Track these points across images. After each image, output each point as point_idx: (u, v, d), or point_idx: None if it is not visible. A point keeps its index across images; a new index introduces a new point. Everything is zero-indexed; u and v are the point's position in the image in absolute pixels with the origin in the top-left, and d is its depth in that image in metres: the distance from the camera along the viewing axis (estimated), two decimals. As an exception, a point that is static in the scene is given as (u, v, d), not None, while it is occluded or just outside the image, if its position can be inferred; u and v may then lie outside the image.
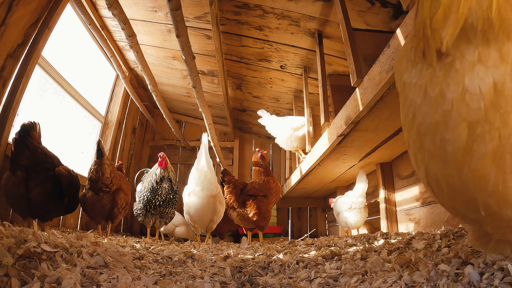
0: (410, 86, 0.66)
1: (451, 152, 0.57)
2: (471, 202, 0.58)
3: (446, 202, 0.66)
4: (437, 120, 0.58)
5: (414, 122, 0.64)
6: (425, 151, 0.62)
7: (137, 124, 5.24)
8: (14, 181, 1.90)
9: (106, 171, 2.19)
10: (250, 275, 1.20)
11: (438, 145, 0.59)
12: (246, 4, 2.80)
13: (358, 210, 2.66)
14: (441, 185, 0.62)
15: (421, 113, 0.62)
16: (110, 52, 3.61)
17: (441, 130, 0.58)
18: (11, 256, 0.85)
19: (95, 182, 2.19)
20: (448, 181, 0.60)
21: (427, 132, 0.61)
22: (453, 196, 0.62)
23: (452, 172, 0.58)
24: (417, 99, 0.63)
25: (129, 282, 0.94)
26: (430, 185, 0.66)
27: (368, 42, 2.10)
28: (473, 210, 0.59)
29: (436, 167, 0.61)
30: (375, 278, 0.98)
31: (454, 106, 0.56)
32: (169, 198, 2.74)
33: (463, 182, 0.58)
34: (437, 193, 0.65)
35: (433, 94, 0.59)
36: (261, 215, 2.88)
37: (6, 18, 2.12)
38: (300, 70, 3.59)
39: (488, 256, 0.86)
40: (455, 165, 0.57)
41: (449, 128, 0.57)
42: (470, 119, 0.54)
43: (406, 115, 0.68)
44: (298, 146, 3.64)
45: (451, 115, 0.56)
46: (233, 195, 2.92)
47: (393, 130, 2.10)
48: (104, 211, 2.28)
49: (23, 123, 2.01)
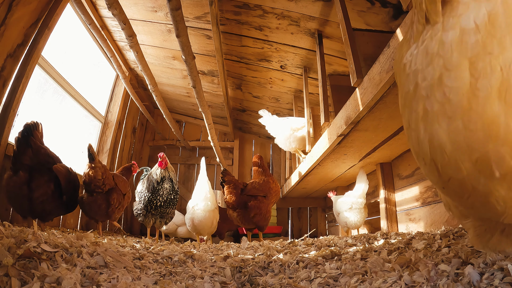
0: (411, 60, 0.65)
1: (456, 101, 0.54)
2: (483, 160, 0.53)
3: (453, 176, 0.59)
4: (440, 72, 0.57)
5: (416, 92, 0.62)
6: (428, 115, 0.59)
7: (137, 124, 5.24)
8: (16, 181, 1.89)
9: (97, 173, 2.28)
10: (250, 275, 1.20)
11: (441, 99, 0.56)
12: (246, 4, 2.80)
13: (359, 210, 2.67)
14: (445, 150, 0.57)
15: (422, 76, 0.61)
16: (110, 52, 3.61)
17: (444, 80, 0.56)
18: (11, 256, 0.85)
19: (88, 184, 2.30)
20: (454, 140, 0.55)
21: (430, 92, 0.59)
22: (460, 159, 0.56)
23: (458, 125, 0.54)
24: (419, 65, 0.62)
25: (129, 282, 0.94)
26: (433, 158, 0.60)
27: (368, 42, 2.10)
28: (486, 172, 0.54)
29: (441, 128, 0.57)
30: (375, 278, 0.98)
31: (453, 49, 0.55)
32: (170, 198, 2.75)
33: (472, 133, 0.53)
34: (442, 163, 0.59)
35: (434, 49, 0.59)
36: (261, 215, 2.88)
37: (6, 18, 2.12)
38: (300, 70, 3.59)
39: (488, 256, 0.86)
40: (461, 114, 0.54)
41: (451, 73, 0.55)
42: (470, 54, 0.53)
43: (407, 92, 0.66)
44: (297, 147, 3.64)
45: (452, 59, 0.55)
46: (234, 195, 2.91)
47: (393, 130, 2.10)
48: (100, 210, 2.36)
49: (26, 123, 2.00)
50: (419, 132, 0.63)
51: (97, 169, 2.28)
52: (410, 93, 0.65)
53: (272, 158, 5.63)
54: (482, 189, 0.57)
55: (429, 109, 0.59)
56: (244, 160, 5.58)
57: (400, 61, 0.72)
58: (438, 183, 0.65)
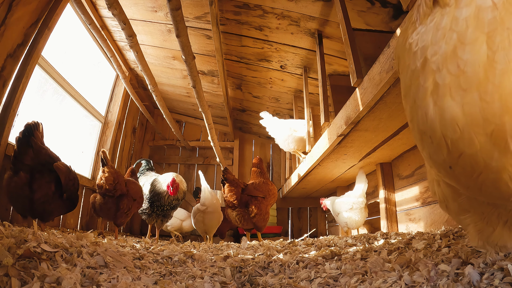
0: (418, 38, 0.64)
1: (472, 72, 0.53)
2: (499, 133, 0.52)
3: (465, 151, 0.56)
4: (454, 45, 0.56)
5: (425, 67, 0.61)
6: (439, 89, 0.58)
7: (137, 124, 5.24)
8: (17, 182, 1.88)
9: (109, 179, 2.39)
10: (250, 275, 1.20)
11: (455, 72, 0.55)
12: (246, 4, 2.80)
13: (359, 210, 2.70)
14: (458, 124, 0.55)
15: (432, 51, 0.60)
16: (110, 52, 3.61)
17: (458, 53, 0.55)
18: (11, 256, 0.85)
19: (100, 187, 2.42)
20: (469, 112, 0.54)
21: (442, 65, 0.57)
22: (474, 132, 0.54)
23: (474, 97, 0.53)
24: (428, 41, 0.61)
25: (129, 282, 0.94)
26: (444, 132, 0.58)
27: (368, 42, 2.10)
28: (501, 145, 0.52)
29: (454, 100, 0.56)
30: (375, 278, 0.98)
31: (469, 24, 0.54)
32: (176, 203, 2.87)
33: (488, 105, 0.52)
34: (453, 139, 0.57)
35: (447, 25, 0.58)
36: (261, 215, 2.89)
37: (6, 18, 2.12)
38: (300, 70, 3.59)
39: (488, 256, 0.86)
40: (477, 86, 0.53)
41: (466, 47, 0.54)
42: (488, 29, 0.52)
43: (414, 69, 0.64)
44: (296, 148, 3.65)
45: (467, 33, 0.54)
46: (234, 194, 2.91)
47: (393, 130, 2.10)
48: (110, 213, 2.48)
49: (27, 123, 2.00)
50: (427, 107, 0.60)
51: (109, 174, 2.40)
52: (417, 70, 0.63)
53: (272, 158, 5.63)
54: (495, 164, 0.54)
55: (440, 83, 0.57)
56: (244, 160, 5.58)
57: (404, 43, 0.70)
58: (445, 162, 0.62)
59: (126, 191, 2.56)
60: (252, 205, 2.86)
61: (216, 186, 5.42)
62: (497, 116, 0.51)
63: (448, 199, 0.77)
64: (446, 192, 0.76)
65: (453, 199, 0.75)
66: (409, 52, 0.67)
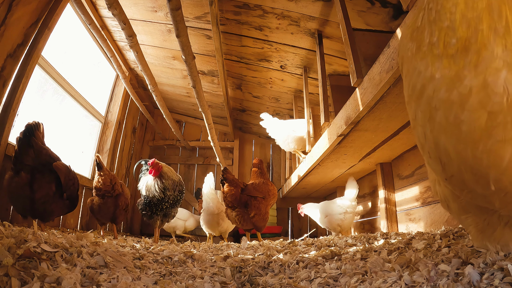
0: (418, 58, 0.64)
1: (466, 131, 0.57)
2: (482, 177, 0.58)
3: (455, 175, 0.64)
4: (452, 100, 0.58)
5: (423, 94, 0.63)
6: (436, 123, 0.61)
7: (137, 124, 5.24)
8: (18, 182, 1.89)
9: (106, 180, 2.55)
10: (250, 275, 1.20)
11: (452, 121, 0.58)
12: (246, 4, 2.80)
13: (352, 213, 2.93)
14: (451, 157, 0.61)
15: (432, 86, 0.61)
16: (110, 52, 3.61)
17: (455, 110, 0.57)
18: (11, 256, 0.85)
19: (99, 189, 2.55)
20: (460, 154, 0.59)
21: (439, 107, 0.60)
22: (463, 169, 0.61)
23: (465, 148, 0.58)
24: (442, 76, 0.62)
25: (129, 282, 0.94)
26: (439, 156, 0.64)
27: (368, 42, 2.10)
28: (483, 184, 0.59)
29: (447, 140, 0.61)
30: (375, 278, 0.98)
31: (473, 94, 0.55)
32: (175, 200, 2.80)
33: (476, 158, 0.57)
34: (446, 164, 0.63)
35: (448, 73, 0.59)
36: (260, 215, 2.88)
37: (6, 18, 2.12)
38: (300, 70, 3.59)
39: (488, 256, 0.86)
40: (470, 143, 0.57)
41: (465, 111, 0.56)
42: (491, 109, 0.54)
43: (414, 86, 0.66)
44: (296, 148, 3.66)
45: (469, 100, 0.56)
46: (234, 194, 2.90)
47: (393, 130, 2.10)
48: (109, 213, 2.61)
49: (28, 123, 2.00)
50: (425, 127, 0.65)
51: (106, 176, 2.56)
52: (417, 89, 0.66)
53: (272, 158, 5.63)
54: (480, 192, 0.62)
55: (437, 120, 0.62)
56: (244, 160, 5.58)
57: (406, 43, 0.71)
58: (441, 176, 0.69)
59: (121, 190, 2.74)
60: (252, 205, 2.85)
61: (216, 186, 5.41)
62: (483, 167, 0.58)
63: (448, 199, 0.78)
64: (446, 193, 0.77)
65: (453, 200, 0.76)
66: (410, 62, 0.69)
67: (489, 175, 0.57)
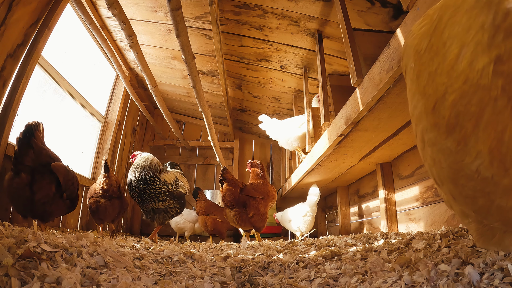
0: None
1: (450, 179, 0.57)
2: (497, 213, 0.57)
3: (457, 198, 0.64)
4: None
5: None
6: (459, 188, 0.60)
7: (137, 124, 5.24)
8: (19, 183, 1.88)
9: (112, 182, 2.65)
10: (250, 275, 1.20)
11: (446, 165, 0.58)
12: (246, 4, 2.80)
13: (311, 217, 3.29)
14: (450, 187, 0.62)
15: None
16: (110, 52, 3.61)
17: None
18: (11, 256, 0.85)
19: (106, 190, 2.62)
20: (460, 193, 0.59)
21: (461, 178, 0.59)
22: (463, 202, 0.62)
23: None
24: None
25: (129, 282, 0.94)
26: (441, 180, 0.64)
27: (368, 42, 2.10)
28: (499, 218, 0.58)
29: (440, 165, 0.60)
30: (375, 278, 0.98)
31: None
32: (152, 192, 2.68)
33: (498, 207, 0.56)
34: (449, 188, 0.64)
35: None
36: (259, 215, 2.87)
37: (6, 18, 2.12)
38: (300, 70, 3.59)
39: (488, 256, 0.86)
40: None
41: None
42: None
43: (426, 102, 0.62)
44: (299, 145, 3.67)
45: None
46: (233, 194, 2.89)
47: (393, 130, 2.10)
48: (114, 214, 2.70)
49: (27, 123, 1.99)
50: (424, 145, 0.64)
51: (112, 178, 2.66)
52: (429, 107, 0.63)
53: (272, 158, 5.63)
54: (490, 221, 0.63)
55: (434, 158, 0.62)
56: (244, 160, 5.58)
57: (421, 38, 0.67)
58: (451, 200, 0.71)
59: (124, 193, 2.88)
60: (250, 205, 2.84)
61: (215, 186, 5.42)
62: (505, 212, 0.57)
63: (451, 202, 0.78)
64: (449, 197, 0.77)
65: (456, 204, 0.76)
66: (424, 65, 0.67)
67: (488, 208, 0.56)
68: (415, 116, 0.64)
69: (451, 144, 0.54)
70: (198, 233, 4.20)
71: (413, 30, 0.71)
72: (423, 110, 0.60)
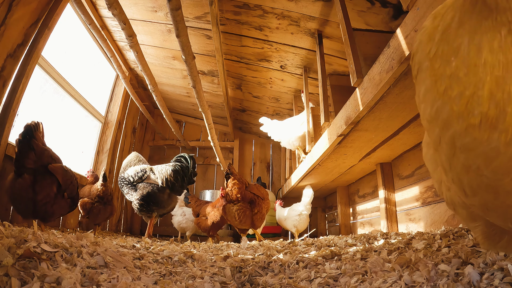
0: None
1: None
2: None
3: (481, 210, 0.61)
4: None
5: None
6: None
7: (137, 124, 5.24)
8: (22, 184, 1.88)
9: (108, 191, 2.91)
10: (250, 275, 1.20)
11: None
12: (246, 4, 2.80)
13: (306, 216, 3.45)
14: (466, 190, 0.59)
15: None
16: (110, 52, 3.61)
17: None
18: (11, 256, 0.85)
19: (102, 197, 2.86)
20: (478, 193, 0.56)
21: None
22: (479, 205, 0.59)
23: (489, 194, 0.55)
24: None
25: (129, 282, 0.94)
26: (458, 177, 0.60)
27: (368, 42, 2.10)
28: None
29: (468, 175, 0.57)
30: (375, 278, 0.98)
31: None
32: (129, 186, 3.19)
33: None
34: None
35: None
36: (261, 214, 2.92)
37: (6, 18, 2.12)
38: (300, 70, 3.59)
39: (488, 256, 0.86)
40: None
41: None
42: None
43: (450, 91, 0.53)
44: (300, 145, 3.69)
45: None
46: (238, 189, 2.87)
47: (393, 130, 2.10)
48: (106, 217, 2.96)
49: (26, 124, 1.99)
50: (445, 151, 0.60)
51: (108, 187, 2.93)
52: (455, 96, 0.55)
53: (272, 158, 5.63)
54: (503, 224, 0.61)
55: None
56: (244, 160, 5.58)
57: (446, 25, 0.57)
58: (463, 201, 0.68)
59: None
60: (257, 203, 2.90)
61: (216, 186, 5.42)
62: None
63: (456, 205, 0.76)
64: (455, 200, 0.75)
65: (462, 207, 0.74)
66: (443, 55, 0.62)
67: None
68: (441, 121, 0.55)
69: (496, 142, 0.46)
70: (199, 233, 4.21)
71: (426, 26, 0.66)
72: (452, 112, 0.53)
